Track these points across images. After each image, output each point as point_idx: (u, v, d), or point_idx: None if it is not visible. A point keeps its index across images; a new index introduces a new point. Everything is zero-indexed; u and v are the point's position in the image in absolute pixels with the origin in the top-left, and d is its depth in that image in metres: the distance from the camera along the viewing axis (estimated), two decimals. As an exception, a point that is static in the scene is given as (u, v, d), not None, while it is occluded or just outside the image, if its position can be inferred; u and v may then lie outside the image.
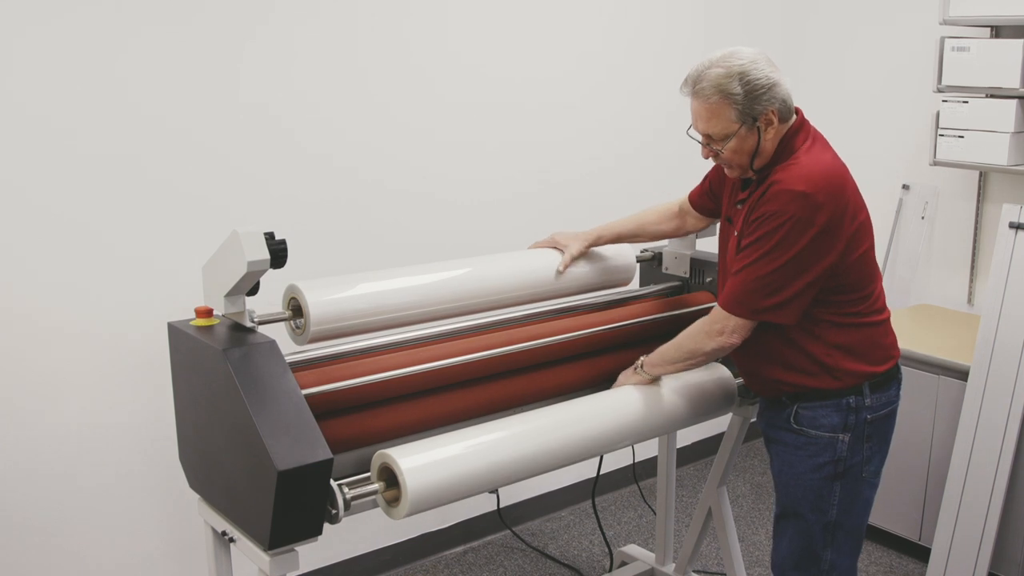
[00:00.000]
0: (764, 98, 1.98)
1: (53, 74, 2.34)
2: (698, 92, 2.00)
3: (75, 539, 2.55)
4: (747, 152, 2.03)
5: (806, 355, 2.09)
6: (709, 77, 1.98)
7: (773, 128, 2.02)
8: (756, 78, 1.97)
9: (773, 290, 2.00)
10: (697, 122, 2.05)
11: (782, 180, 1.99)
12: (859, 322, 2.10)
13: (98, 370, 2.52)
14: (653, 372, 2.25)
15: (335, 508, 1.82)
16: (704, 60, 2.01)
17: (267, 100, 2.68)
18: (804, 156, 2.02)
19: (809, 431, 2.13)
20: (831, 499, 2.14)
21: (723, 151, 2.04)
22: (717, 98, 1.98)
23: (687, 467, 3.97)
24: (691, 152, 2.22)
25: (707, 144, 2.06)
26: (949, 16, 3.25)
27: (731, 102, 1.97)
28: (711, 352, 2.11)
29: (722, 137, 2.02)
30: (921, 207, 3.69)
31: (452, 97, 3.06)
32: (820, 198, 1.95)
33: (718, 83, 1.97)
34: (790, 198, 1.95)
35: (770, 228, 1.97)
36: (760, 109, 1.99)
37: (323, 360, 2.07)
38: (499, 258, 2.35)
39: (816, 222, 1.95)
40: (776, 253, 1.97)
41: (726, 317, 2.06)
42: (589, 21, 3.36)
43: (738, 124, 1.99)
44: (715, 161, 2.12)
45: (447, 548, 3.34)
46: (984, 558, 2.93)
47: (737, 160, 2.05)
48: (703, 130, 2.04)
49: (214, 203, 2.63)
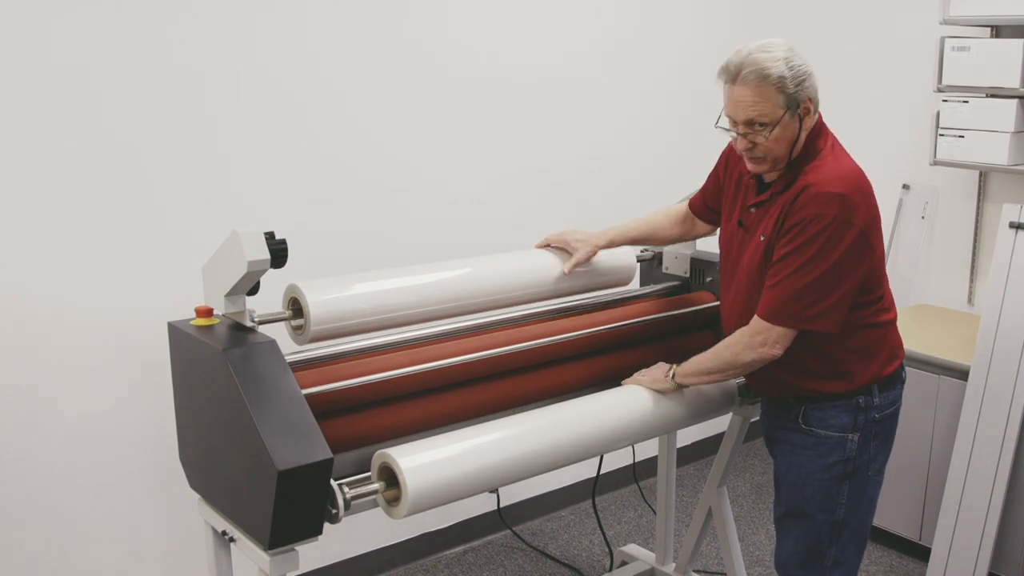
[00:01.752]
0: (805, 85, 1.97)
1: (53, 72, 2.34)
2: (745, 77, 1.95)
3: (75, 539, 2.55)
4: (788, 141, 1.99)
5: (822, 358, 2.07)
6: (756, 62, 1.94)
7: (810, 118, 2.00)
8: (798, 64, 1.96)
9: (818, 297, 1.97)
10: (739, 110, 1.98)
11: (816, 182, 1.96)
12: (873, 322, 2.09)
13: (98, 370, 2.52)
14: (685, 381, 2.20)
15: (335, 508, 1.82)
16: (740, 50, 1.97)
17: (267, 100, 2.68)
18: (830, 157, 2.01)
19: (818, 431, 2.13)
20: (839, 498, 2.14)
21: (766, 139, 1.97)
22: (765, 82, 1.93)
23: (687, 467, 3.97)
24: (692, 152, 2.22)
25: (746, 134, 1.99)
26: (949, 16, 3.25)
27: (779, 87, 1.94)
28: (750, 363, 2.06)
29: (768, 123, 1.96)
30: (921, 207, 3.69)
31: (452, 97, 3.06)
32: (855, 199, 1.94)
33: (766, 67, 1.93)
34: (828, 200, 1.93)
35: (813, 232, 1.94)
36: (802, 96, 1.97)
37: (323, 360, 2.07)
38: (499, 258, 2.35)
39: (855, 224, 1.94)
40: (819, 259, 1.94)
41: (768, 328, 2.01)
42: (590, 22, 3.36)
43: (783, 110, 1.95)
44: (749, 155, 2.03)
45: (447, 548, 3.34)
46: (984, 558, 2.93)
47: (776, 151, 1.99)
48: (747, 117, 1.97)
49: (214, 203, 2.63)
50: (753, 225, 2.10)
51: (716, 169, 2.32)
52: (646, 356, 2.44)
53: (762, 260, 2.06)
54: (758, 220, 2.08)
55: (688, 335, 2.57)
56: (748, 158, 2.05)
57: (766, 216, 2.06)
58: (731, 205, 2.21)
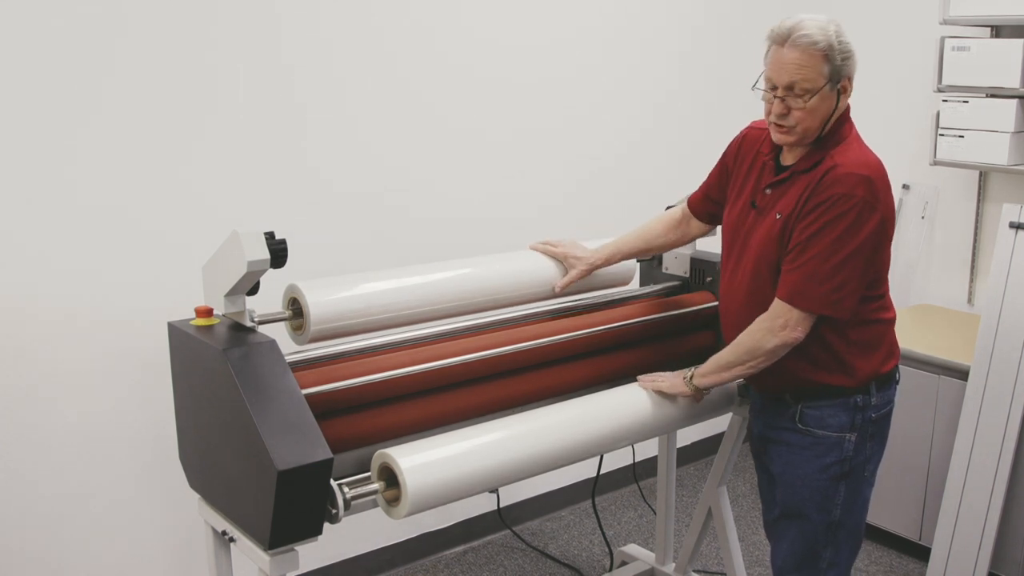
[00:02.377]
0: (849, 63, 1.97)
1: (54, 72, 2.34)
2: (795, 40, 1.93)
3: (75, 539, 2.55)
4: (822, 115, 1.98)
5: (828, 350, 2.07)
6: (808, 28, 1.93)
7: (846, 97, 2.00)
8: (846, 40, 1.96)
9: (840, 281, 1.96)
10: (783, 72, 1.95)
11: (843, 164, 1.96)
12: (875, 318, 2.10)
13: (98, 370, 2.52)
14: (705, 382, 2.18)
15: (335, 508, 1.82)
16: (793, 16, 1.96)
17: (267, 101, 2.68)
18: (856, 144, 2.03)
19: (816, 431, 2.12)
20: (836, 499, 2.14)
21: (804, 105, 1.96)
22: (815, 49, 1.93)
23: (687, 467, 3.97)
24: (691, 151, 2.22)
25: (783, 97, 1.97)
26: (949, 16, 3.25)
27: (828, 55, 1.94)
28: (773, 349, 2.03)
29: (808, 91, 1.95)
30: (921, 207, 3.69)
31: (452, 98, 3.06)
32: (879, 184, 1.96)
33: (817, 36, 1.93)
34: (856, 181, 1.94)
35: (839, 212, 1.94)
36: (845, 72, 1.97)
37: (323, 360, 2.06)
38: (499, 258, 2.35)
39: (878, 209, 1.95)
40: (845, 240, 1.94)
41: (788, 310, 2.00)
42: (591, 24, 3.36)
43: (826, 80, 1.95)
44: (778, 124, 2.00)
45: (447, 548, 3.34)
46: (984, 558, 2.93)
47: (807, 122, 1.98)
48: (790, 80, 1.95)
49: (214, 203, 2.63)
50: (768, 206, 2.09)
51: (724, 158, 2.30)
52: (646, 356, 2.45)
53: (776, 238, 2.04)
54: (774, 201, 2.07)
55: (688, 335, 2.57)
56: (776, 128, 2.03)
57: (784, 196, 2.05)
58: (739, 190, 2.19)
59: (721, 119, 2.10)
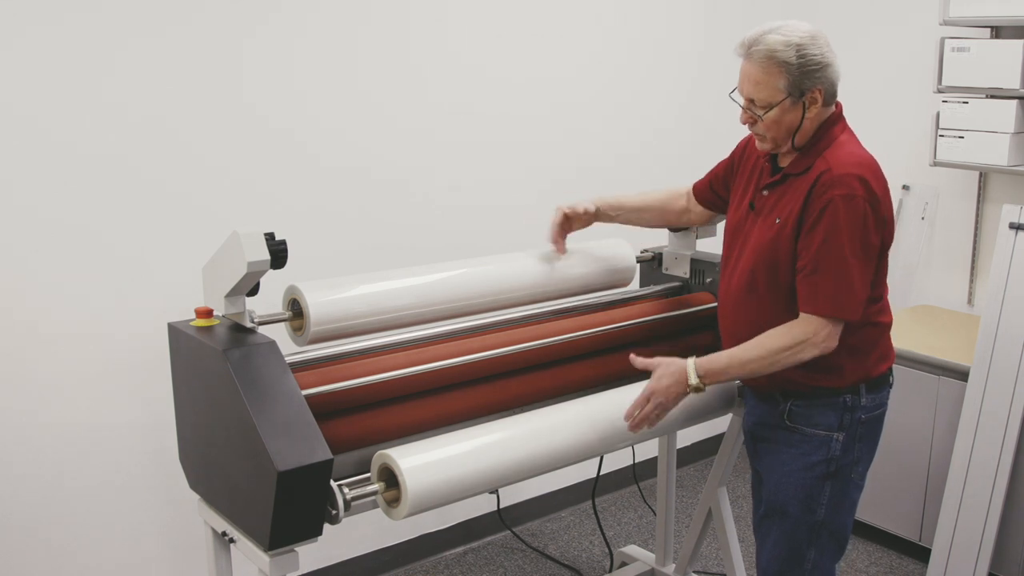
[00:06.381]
0: (816, 75, 1.97)
1: (52, 76, 2.34)
2: (752, 54, 1.97)
3: (75, 539, 2.55)
4: (786, 126, 2.01)
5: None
6: (767, 42, 1.96)
7: (816, 108, 2.00)
8: (812, 53, 1.96)
9: (860, 285, 1.97)
10: (744, 85, 2.01)
11: (836, 165, 1.97)
12: (873, 322, 2.09)
13: (98, 370, 2.52)
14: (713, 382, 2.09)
15: (335, 508, 1.82)
16: (763, 26, 1.99)
17: (267, 101, 2.68)
18: (848, 144, 2.03)
19: (804, 429, 2.12)
20: (820, 499, 2.13)
21: (763, 118, 2.00)
22: (770, 64, 1.95)
23: (687, 467, 3.97)
24: (691, 151, 2.22)
25: (748, 109, 2.03)
26: (949, 16, 3.25)
27: (783, 71, 1.95)
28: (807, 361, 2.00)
29: (766, 104, 1.98)
30: (921, 207, 3.69)
31: (452, 98, 3.06)
32: (875, 184, 1.97)
33: (774, 49, 1.95)
34: (854, 181, 1.95)
35: (844, 213, 1.94)
36: (809, 85, 1.97)
37: (323, 360, 2.07)
38: (499, 259, 2.35)
39: (878, 208, 1.97)
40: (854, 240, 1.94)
41: (824, 324, 1.96)
42: (589, 23, 3.36)
43: (784, 94, 1.97)
44: (751, 130, 2.08)
45: (447, 548, 3.34)
46: (984, 558, 2.93)
47: (773, 133, 2.02)
48: (748, 93, 2.00)
49: (214, 204, 2.63)
50: (766, 208, 2.09)
51: (733, 155, 2.31)
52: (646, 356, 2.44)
53: (773, 242, 2.04)
54: (772, 203, 2.08)
55: (688, 336, 2.57)
56: (753, 133, 2.09)
57: (781, 200, 2.05)
58: (743, 192, 2.20)
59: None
